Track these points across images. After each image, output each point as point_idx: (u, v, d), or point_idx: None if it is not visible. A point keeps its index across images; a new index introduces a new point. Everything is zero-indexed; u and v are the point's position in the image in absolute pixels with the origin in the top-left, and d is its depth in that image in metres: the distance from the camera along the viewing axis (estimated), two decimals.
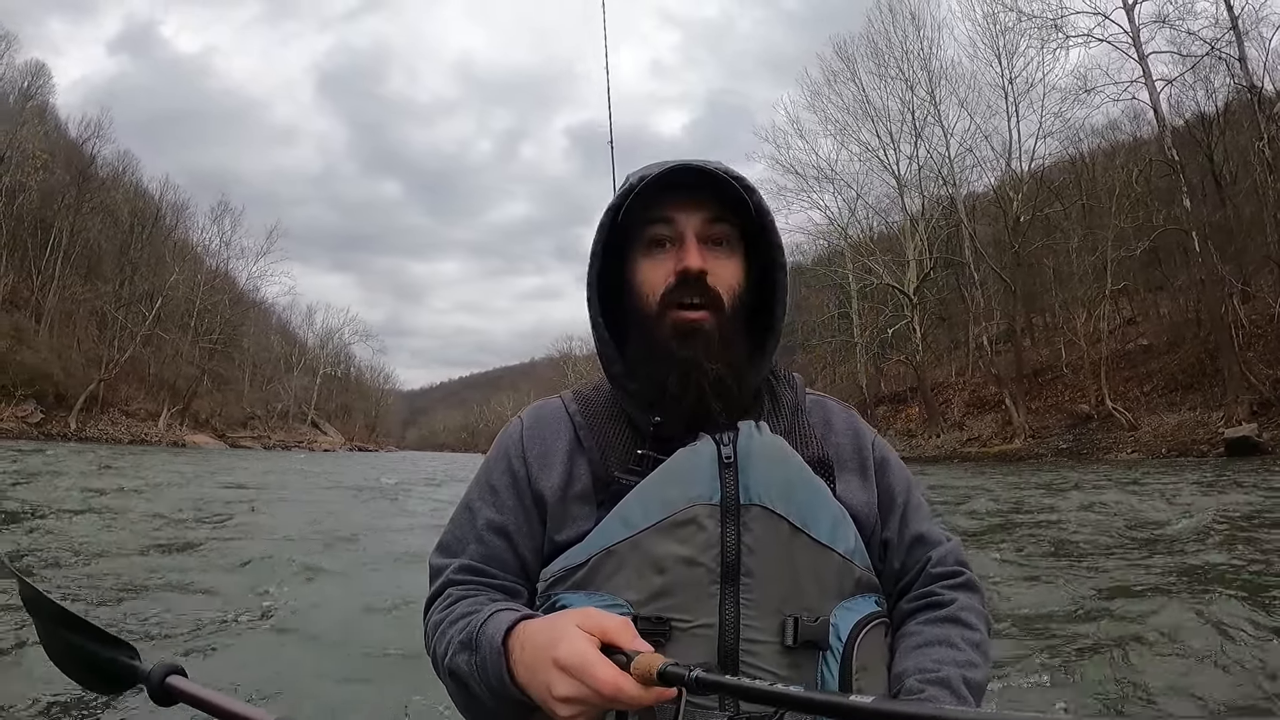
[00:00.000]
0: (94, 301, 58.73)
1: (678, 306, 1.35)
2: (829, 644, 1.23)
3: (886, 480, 1.48)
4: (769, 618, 1.21)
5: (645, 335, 1.38)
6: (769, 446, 1.30)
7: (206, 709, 1.22)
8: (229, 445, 60.15)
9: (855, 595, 1.31)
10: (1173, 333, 35.18)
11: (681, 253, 1.36)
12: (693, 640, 1.19)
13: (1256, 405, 26.34)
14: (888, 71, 43.87)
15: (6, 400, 47.14)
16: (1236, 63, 30.17)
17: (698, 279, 1.34)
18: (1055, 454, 31.34)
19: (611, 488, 1.33)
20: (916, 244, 42.13)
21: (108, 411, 54.48)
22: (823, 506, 1.30)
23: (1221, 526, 8.11)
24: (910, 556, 1.45)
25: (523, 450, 1.44)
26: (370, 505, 13.86)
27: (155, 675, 1.31)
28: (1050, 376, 39.35)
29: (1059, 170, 41.51)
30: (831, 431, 1.49)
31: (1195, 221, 30.54)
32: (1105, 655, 3.97)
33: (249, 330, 77.99)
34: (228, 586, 5.77)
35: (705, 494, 1.24)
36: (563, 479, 1.39)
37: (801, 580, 1.25)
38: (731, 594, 1.21)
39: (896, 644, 1.35)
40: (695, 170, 1.33)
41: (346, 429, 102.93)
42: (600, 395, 1.50)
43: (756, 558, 1.22)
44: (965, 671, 1.24)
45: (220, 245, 71.23)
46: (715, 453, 1.27)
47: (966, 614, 1.35)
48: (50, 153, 55.20)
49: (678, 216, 1.37)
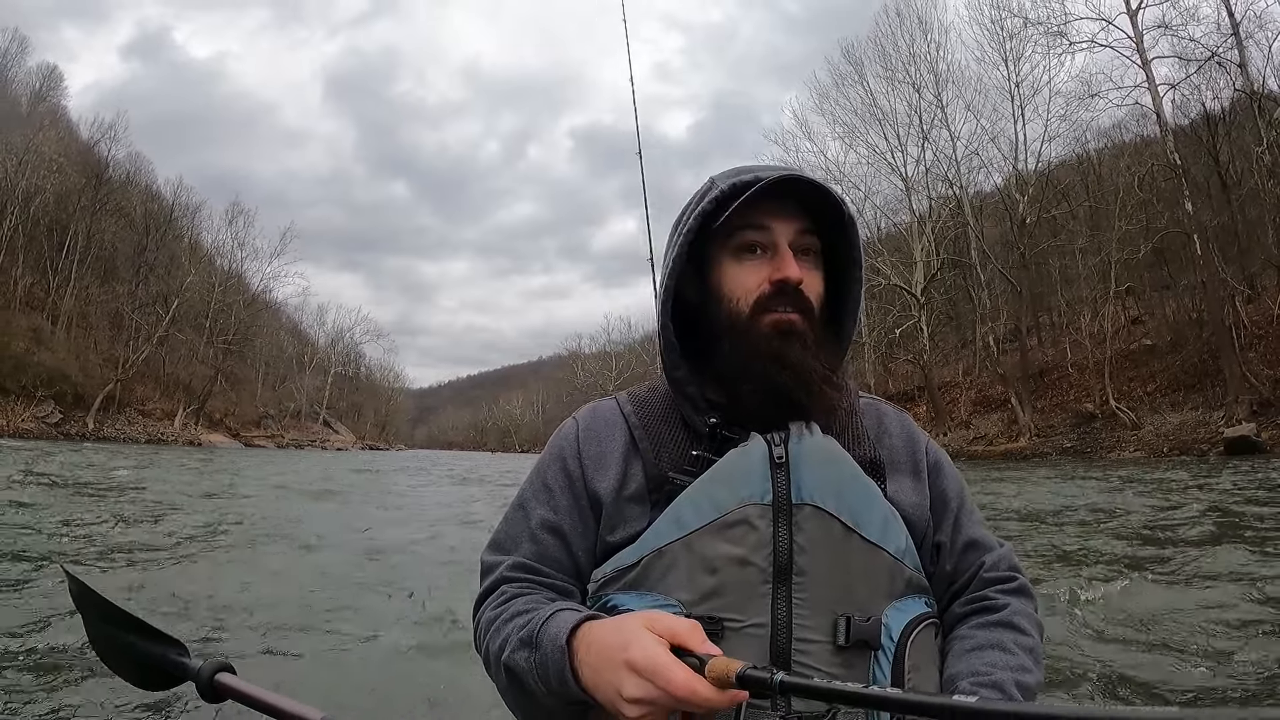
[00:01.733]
0: (110, 303, 59.22)
1: (773, 311, 1.36)
2: (881, 643, 1.23)
3: (940, 484, 1.49)
4: (821, 617, 1.21)
5: (738, 339, 1.36)
6: (820, 446, 1.31)
7: (256, 706, 1.29)
8: (244, 444, 60.41)
9: (906, 596, 1.31)
10: (1176, 333, 35.34)
11: (779, 262, 1.36)
12: (745, 640, 1.19)
13: (1256, 405, 26.59)
14: (895, 75, 43.95)
15: (27, 401, 47.45)
16: (1237, 68, 30.48)
17: (796, 289, 1.35)
18: (1060, 453, 31.55)
19: (665, 488, 1.33)
20: (924, 245, 41.99)
21: (124, 411, 54.90)
22: (874, 506, 1.30)
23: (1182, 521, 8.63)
24: (963, 560, 1.45)
25: (578, 451, 1.45)
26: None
27: (205, 672, 1.37)
28: (1056, 376, 39.62)
29: (1065, 171, 41.65)
30: (885, 434, 1.50)
31: (1197, 224, 30.79)
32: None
33: (261, 330, 78.30)
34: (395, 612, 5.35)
35: (757, 493, 1.25)
36: (617, 479, 1.39)
37: (853, 580, 1.25)
38: (784, 593, 1.21)
39: (948, 647, 1.35)
40: (793, 180, 1.34)
41: (357, 428, 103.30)
42: (655, 396, 1.50)
43: (808, 557, 1.23)
44: (1018, 675, 1.24)
45: (234, 246, 71.72)
46: (767, 452, 1.28)
47: (1019, 619, 1.35)
48: (65, 155, 55.74)
49: (774, 225, 1.37)
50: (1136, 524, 8.85)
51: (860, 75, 45.61)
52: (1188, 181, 31.56)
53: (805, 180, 1.34)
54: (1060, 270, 41.92)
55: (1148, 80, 33.11)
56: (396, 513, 12.24)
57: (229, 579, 6.06)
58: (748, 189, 1.33)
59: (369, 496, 15.41)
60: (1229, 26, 30.47)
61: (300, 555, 7.54)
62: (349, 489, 17.00)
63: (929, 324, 42.97)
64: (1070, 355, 39.39)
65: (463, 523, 10.75)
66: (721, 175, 1.44)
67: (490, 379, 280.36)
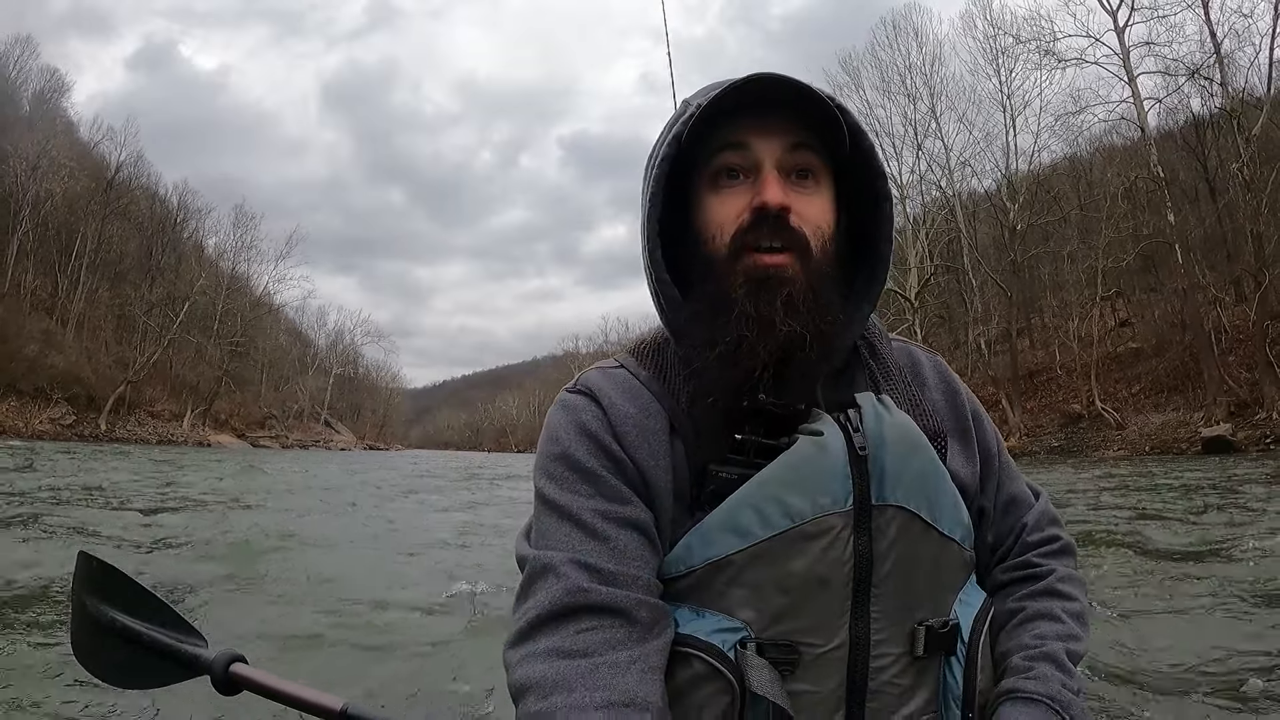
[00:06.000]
0: (119, 305, 59.77)
1: (754, 250, 1.11)
2: (955, 649, 1.11)
3: (984, 439, 1.31)
4: (898, 627, 1.07)
5: (709, 286, 1.13)
6: (900, 430, 1.10)
7: (274, 696, 1.25)
8: (251, 445, 60.68)
9: (965, 583, 1.18)
10: (1160, 337, 36.10)
11: (759, 185, 1.11)
12: (823, 665, 1.04)
13: (1234, 406, 27.54)
14: (891, 86, 44.67)
15: (42, 403, 48.00)
16: (1218, 86, 31.55)
17: (778, 216, 1.09)
18: (1048, 451, 32.26)
19: (709, 486, 1.10)
20: (918, 250, 42.42)
21: (134, 413, 55.22)
22: (947, 494, 1.13)
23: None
24: (1004, 522, 1.31)
25: (610, 426, 1.15)
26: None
27: (219, 664, 1.31)
28: (1045, 378, 40.44)
29: (1056, 177, 42.48)
30: (924, 387, 1.29)
31: (1179, 234, 31.96)
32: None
33: (265, 332, 78.81)
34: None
35: (839, 499, 1.04)
36: (666, 468, 1.13)
37: (928, 580, 1.10)
38: (863, 609, 1.05)
39: (996, 617, 1.22)
40: (775, 84, 1.08)
41: (357, 428, 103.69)
42: (666, 362, 1.23)
43: (888, 564, 1.06)
44: (1068, 644, 1.15)
45: (239, 250, 72.29)
46: (846, 447, 1.06)
47: (1064, 584, 1.25)
48: (75, 160, 56.37)
49: (753, 142, 1.12)
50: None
51: (857, 84, 46.54)
52: (1170, 193, 32.57)
53: (790, 83, 1.08)
54: (1050, 275, 42.69)
55: (1133, 95, 34.17)
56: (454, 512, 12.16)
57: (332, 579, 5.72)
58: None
59: (447, 495, 15.59)
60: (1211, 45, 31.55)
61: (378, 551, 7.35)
62: (430, 487, 17.41)
63: (923, 326, 42.89)
64: (1059, 358, 40.17)
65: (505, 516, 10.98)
66: (697, 93, 1.20)
67: (485, 379, 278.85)
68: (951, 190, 43.12)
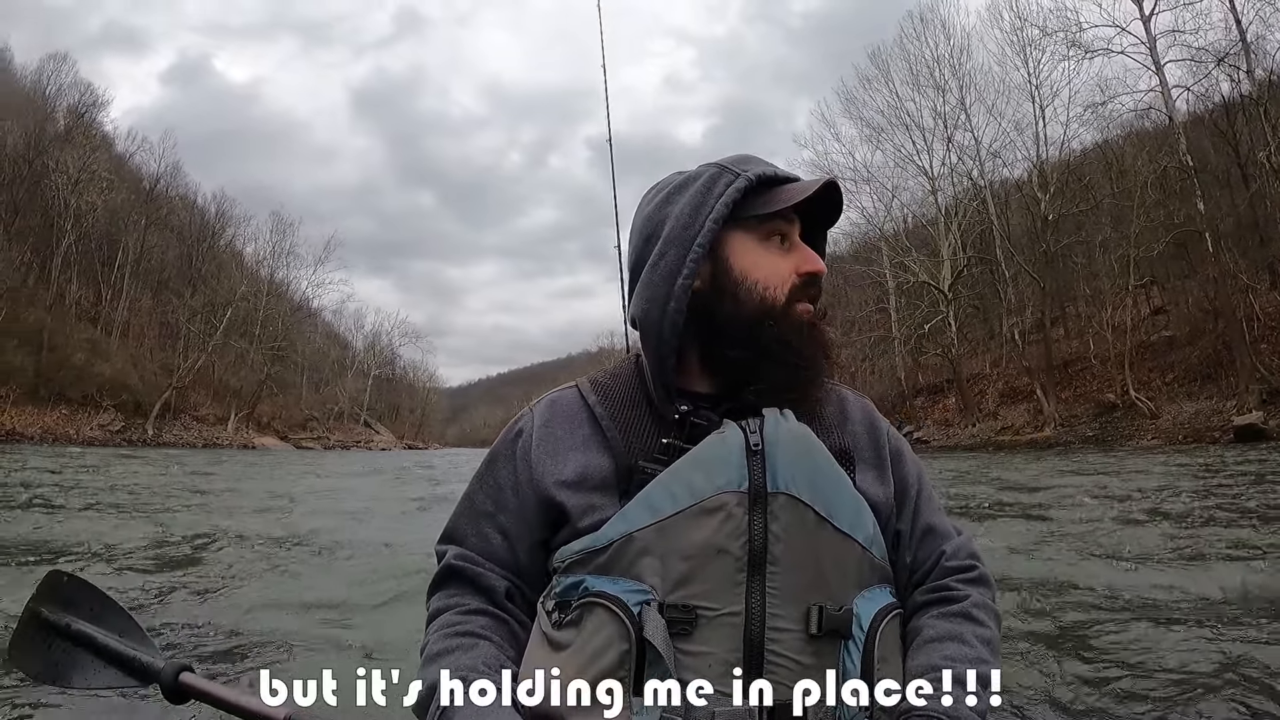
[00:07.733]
0: (162, 313, 60.67)
1: (798, 302, 1.38)
2: (851, 633, 1.23)
3: (901, 471, 1.46)
4: (794, 606, 1.21)
5: (774, 324, 1.36)
6: (795, 435, 1.29)
7: (218, 705, 1.32)
8: (294, 447, 60.94)
9: (873, 586, 1.31)
10: (1193, 325, 35.52)
11: (804, 254, 1.39)
12: (719, 628, 1.19)
13: (1266, 394, 27.13)
14: (920, 79, 44.72)
15: (92, 410, 48.93)
16: (1244, 74, 31.36)
17: (818, 282, 1.39)
18: (1082, 441, 31.76)
19: (636, 478, 1.30)
20: (950, 242, 42.65)
21: (179, 417, 55.68)
22: (845, 496, 1.29)
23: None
24: (923, 548, 1.44)
25: (530, 448, 1.41)
26: None
27: (168, 673, 1.37)
28: (1079, 367, 39.82)
29: (1088, 164, 41.88)
30: (848, 420, 1.47)
31: (1209, 222, 31.73)
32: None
33: (304, 335, 79.36)
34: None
35: (734, 481, 1.24)
36: (578, 471, 1.35)
37: (825, 569, 1.24)
38: (758, 582, 1.20)
39: (909, 637, 1.34)
40: (823, 184, 1.37)
41: (396, 428, 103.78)
42: (619, 384, 1.46)
43: (783, 546, 1.22)
44: (977, 668, 1.24)
45: (277, 255, 72.87)
46: (743, 440, 1.27)
47: (978, 610, 1.35)
48: (115, 173, 57.21)
49: (794, 219, 1.40)
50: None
51: (886, 78, 46.50)
52: (1200, 181, 32.32)
53: (834, 188, 1.40)
54: (1083, 264, 42.13)
55: (1161, 84, 34.02)
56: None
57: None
58: (782, 181, 1.39)
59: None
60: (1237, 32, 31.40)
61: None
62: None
63: (956, 318, 43.27)
64: (1093, 347, 39.59)
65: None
66: (733, 161, 1.43)
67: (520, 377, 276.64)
68: (983, 181, 42.94)
